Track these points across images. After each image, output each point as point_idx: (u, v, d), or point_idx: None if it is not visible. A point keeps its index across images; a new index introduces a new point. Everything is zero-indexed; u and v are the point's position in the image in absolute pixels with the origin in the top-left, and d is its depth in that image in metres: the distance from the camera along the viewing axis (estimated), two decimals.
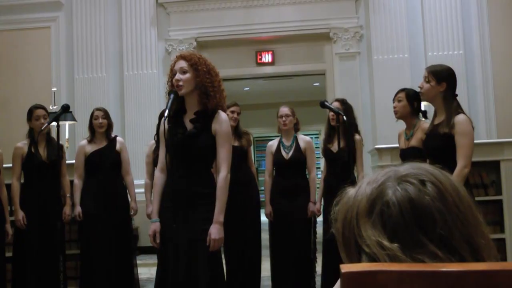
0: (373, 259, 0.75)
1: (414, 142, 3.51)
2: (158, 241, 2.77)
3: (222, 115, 2.85)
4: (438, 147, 2.99)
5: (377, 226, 0.77)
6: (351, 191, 0.84)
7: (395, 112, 3.64)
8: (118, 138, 4.61)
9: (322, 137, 4.69)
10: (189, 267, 2.70)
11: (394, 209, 0.76)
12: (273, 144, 4.56)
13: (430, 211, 0.76)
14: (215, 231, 2.72)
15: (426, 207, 0.76)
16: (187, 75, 2.78)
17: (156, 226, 2.79)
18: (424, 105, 4.24)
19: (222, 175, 2.79)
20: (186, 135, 2.80)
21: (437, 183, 0.79)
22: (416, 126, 3.57)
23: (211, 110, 2.82)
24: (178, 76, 2.77)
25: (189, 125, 2.84)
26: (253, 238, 4.42)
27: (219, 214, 2.75)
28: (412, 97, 3.57)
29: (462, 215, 0.77)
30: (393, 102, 3.68)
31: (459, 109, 3.01)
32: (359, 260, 0.78)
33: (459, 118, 2.95)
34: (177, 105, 2.85)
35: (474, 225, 0.78)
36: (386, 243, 0.75)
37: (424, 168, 0.81)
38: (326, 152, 4.45)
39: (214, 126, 2.81)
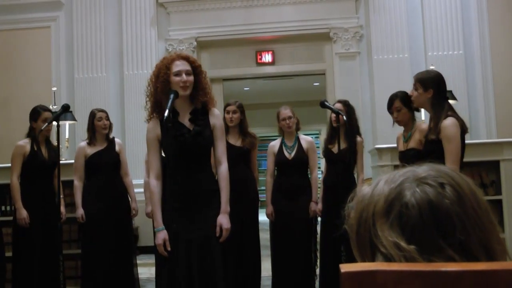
0: (389, 259, 0.75)
1: (412, 143, 3.51)
2: (169, 249, 2.74)
3: (216, 110, 2.96)
4: (431, 152, 3.03)
5: (395, 227, 0.76)
6: (366, 189, 0.83)
7: (398, 122, 3.59)
8: (116, 139, 4.62)
9: (322, 137, 4.69)
10: (203, 264, 2.73)
11: (413, 211, 0.76)
12: (275, 144, 4.55)
13: (450, 215, 0.75)
14: (225, 221, 2.80)
15: (446, 210, 0.75)
16: (191, 77, 2.83)
17: (164, 234, 2.76)
18: None
19: (224, 166, 2.89)
20: (193, 135, 2.83)
21: (456, 186, 0.78)
22: (414, 127, 3.57)
23: (207, 107, 2.90)
24: (185, 77, 2.80)
25: (188, 124, 2.86)
26: (252, 237, 4.40)
27: (226, 204, 2.83)
28: (407, 101, 3.52)
29: (479, 220, 0.76)
30: (391, 112, 3.62)
31: (449, 112, 3.03)
32: (372, 259, 0.78)
33: (445, 122, 2.98)
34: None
35: (490, 230, 0.77)
36: (403, 244, 0.74)
37: (443, 170, 0.80)
38: (327, 153, 4.46)
39: (212, 121, 2.90)
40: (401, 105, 3.54)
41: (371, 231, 0.78)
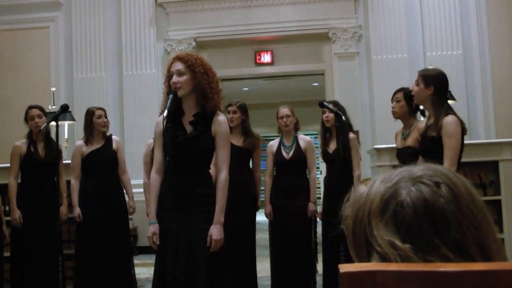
0: (384, 258, 0.75)
1: (410, 141, 3.52)
2: (158, 242, 2.76)
3: (221, 116, 2.87)
4: (429, 149, 3.04)
5: (390, 226, 0.76)
6: (363, 189, 0.83)
7: (393, 112, 3.69)
8: (113, 137, 4.61)
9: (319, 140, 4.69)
10: (188, 268, 2.71)
11: (408, 210, 0.76)
12: (273, 144, 4.56)
13: (444, 214, 0.75)
14: (216, 232, 2.74)
15: (440, 209, 0.76)
16: (184, 77, 2.77)
17: (155, 227, 2.78)
18: None
19: (222, 175, 2.82)
20: (187, 138, 2.80)
21: (451, 185, 0.78)
22: (413, 126, 3.59)
23: (209, 111, 2.83)
24: (175, 78, 2.77)
25: (188, 127, 2.84)
26: (248, 240, 4.39)
27: (219, 215, 2.77)
28: (410, 97, 3.59)
29: (475, 219, 0.77)
30: (392, 102, 3.71)
31: (449, 111, 3.04)
32: (368, 258, 0.78)
33: (447, 119, 3.00)
34: (175, 106, 2.84)
35: (486, 229, 0.78)
36: (398, 243, 0.74)
37: (439, 170, 0.81)
38: (324, 154, 4.47)
39: (213, 128, 2.83)
40: (401, 97, 3.63)
41: (367, 230, 0.79)
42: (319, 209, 4.50)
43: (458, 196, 0.77)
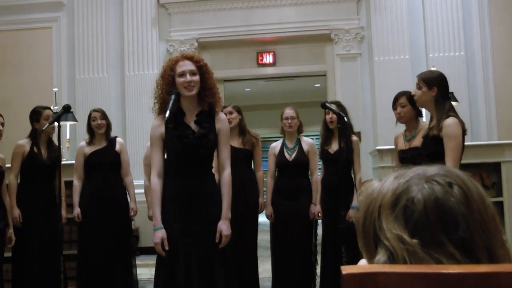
0: (390, 252, 0.76)
1: (417, 142, 3.50)
2: (167, 248, 2.72)
3: (222, 115, 2.94)
4: (431, 150, 3.04)
5: (399, 221, 0.78)
6: (376, 184, 0.85)
7: (400, 118, 3.61)
8: (118, 139, 4.61)
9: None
10: (203, 268, 2.71)
11: (418, 206, 0.77)
12: (276, 145, 4.56)
13: (454, 213, 0.77)
14: (226, 227, 2.78)
15: (450, 208, 0.77)
16: (197, 77, 2.82)
17: (162, 233, 2.73)
18: None
19: (227, 172, 2.87)
20: (197, 137, 2.81)
21: (464, 188, 0.79)
22: (419, 127, 3.57)
23: (214, 110, 2.88)
24: (189, 77, 2.79)
25: (193, 126, 2.85)
26: (250, 240, 4.38)
27: (227, 210, 2.81)
28: (413, 100, 3.56)
29: (484, 224, 0.78)
30: (395, 108, 3.64)
31: (450, 112, 3.05)
32: (375, 251, 0.79)
33: (447, 121, 3.00)
34: (176, 107, 2.85)
35: (495, 235, 0.79)
36: (406, 237, 0.76)
37: (454, 172, 0.82)
38: (323, 153, 4.46)
39: (217, 125, 2.88)
40: (406, 102, 3.58)
41: (376, 223, 0.80)
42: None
43: (469, 199, 0.78)
